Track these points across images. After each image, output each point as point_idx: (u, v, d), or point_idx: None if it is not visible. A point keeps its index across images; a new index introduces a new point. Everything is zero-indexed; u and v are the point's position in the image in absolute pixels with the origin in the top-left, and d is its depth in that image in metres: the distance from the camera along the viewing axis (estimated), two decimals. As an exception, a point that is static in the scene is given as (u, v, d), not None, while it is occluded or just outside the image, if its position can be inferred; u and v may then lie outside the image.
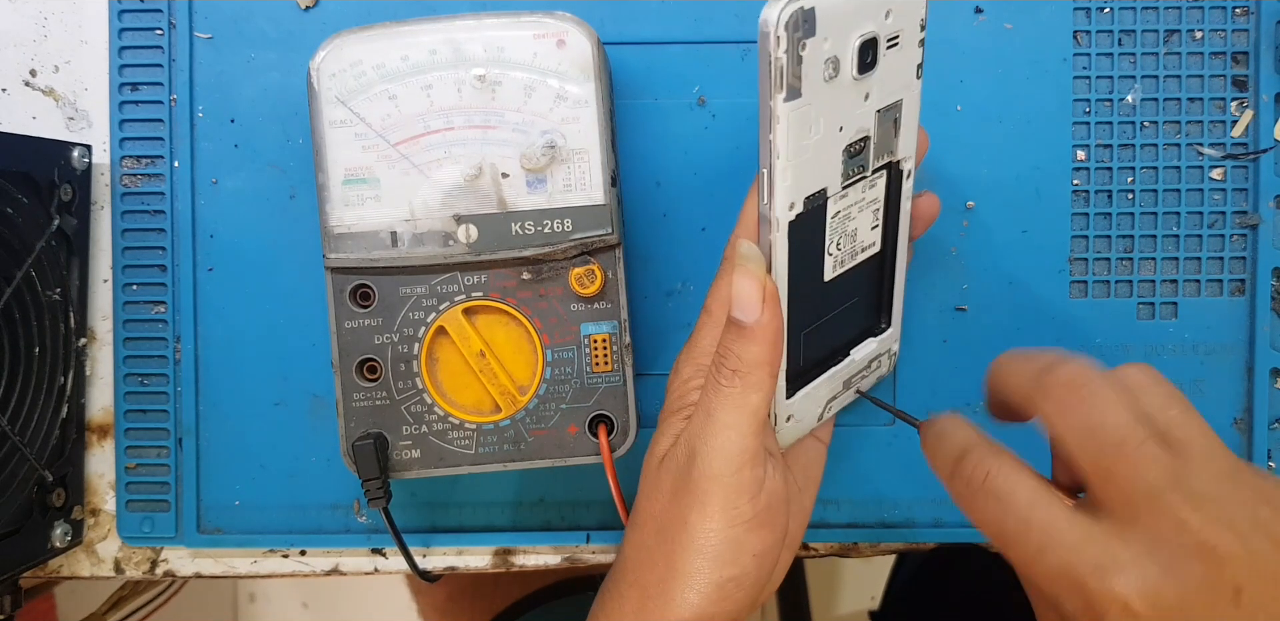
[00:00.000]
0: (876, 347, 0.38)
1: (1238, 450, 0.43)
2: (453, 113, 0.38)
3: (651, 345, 0.43)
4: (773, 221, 0.31)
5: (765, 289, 0.31)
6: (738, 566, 0.33)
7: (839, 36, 0.29)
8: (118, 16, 0.43)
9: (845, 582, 1.12)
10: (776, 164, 0.30)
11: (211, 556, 0.44)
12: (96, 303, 0.44)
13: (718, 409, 0.32)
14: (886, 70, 0.32)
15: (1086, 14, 0.42)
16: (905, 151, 0.35)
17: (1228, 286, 0.43)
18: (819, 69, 0.29)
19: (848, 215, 0.34)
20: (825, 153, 0.32)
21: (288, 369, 0.43)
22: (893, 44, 0.31)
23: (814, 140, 0.31)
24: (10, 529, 0.40)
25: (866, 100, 0.32)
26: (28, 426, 0.40)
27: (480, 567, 0.44)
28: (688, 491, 0.33)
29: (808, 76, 0.29)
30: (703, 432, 0.33)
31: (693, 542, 0.33)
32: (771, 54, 0.28)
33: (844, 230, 0.34)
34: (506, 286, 0.39)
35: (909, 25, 0.32)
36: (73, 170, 0.42)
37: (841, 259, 0.35)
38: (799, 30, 0.28)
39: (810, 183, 0.32)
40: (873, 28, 0.30)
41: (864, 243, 0.36)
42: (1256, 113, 0.42)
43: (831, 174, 0.32)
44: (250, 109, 0.43)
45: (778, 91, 0.29)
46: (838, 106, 0.31)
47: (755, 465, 0.32)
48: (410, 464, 0.39)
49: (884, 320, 0.38)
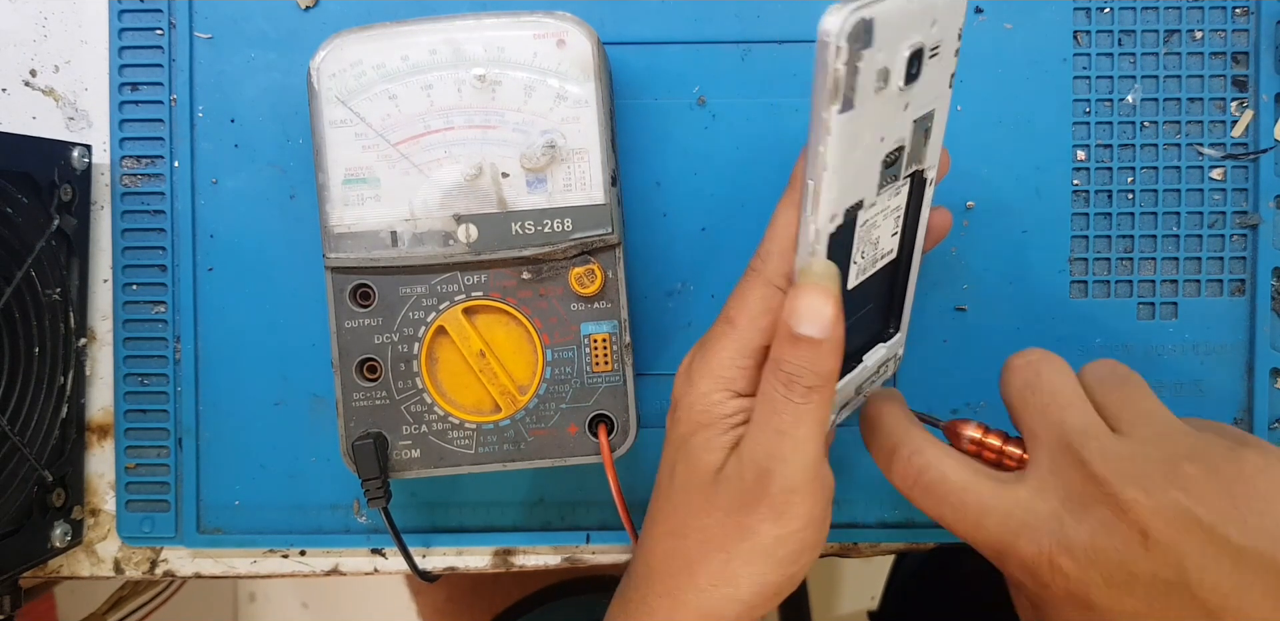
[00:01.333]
0: (885, 352, 0.38)
1: (1238, 450, 0.43)
2: (453, 112, 0.38)
3: (651, 345, 0.43)
4: (817, 233, 0.31)
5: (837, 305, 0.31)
6: (797, 565, 0.33)
7: (891, 47, 0.29)
8: (118, 16, 0.43)
9: (845, 582, 1.12)
10: (824, 176, 0.29)
11: (211, 556, 0.44)
12: (96, 303, 0.44)
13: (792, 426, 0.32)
14: (926, 80, 0.31)
15: (1086, 14, 0.42)
16: (931, 160, 0.34)
17: (1228, 286, 0.43)
18: (871, 80, 0.29)
19: (873, 224, 0.34)
20: (867, 164, 0.31)
21: (288, 369, 0.43)
22: (934, 54, 0.31)
23: (860, 152, 0.30)
24: (10, 529, 0.40)
25: (905, 110, 0.31)
26: (28, 426, 0.40)
27: (480, 568, 0.44)
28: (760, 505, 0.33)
29: (861, 88, 0.28)
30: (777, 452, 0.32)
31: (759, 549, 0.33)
32: (830, 65, 0.27)
33: (869, 238, 0.34)
34: (506, 286, 0.39)
35: (948, 34, 0.31)
36: (73, 170, 0.42)
37: (864, 267, 0.35)
38: (859, 41, 0.27)
39: (852, 194, 0.31)
40: (920, 38, 0.30)
41: (884, 250, 0.35)
42: (1256, 113, 0.42)
43: (869, 185, 0.32)
44: (250, 109, 0.43)
45: (833, 103, 0.28)
46: (882, 117, 0.30)
47: (824, 466, 0.33)
48: (410, 464, 0.39)
49: (893, 325, 0.38)
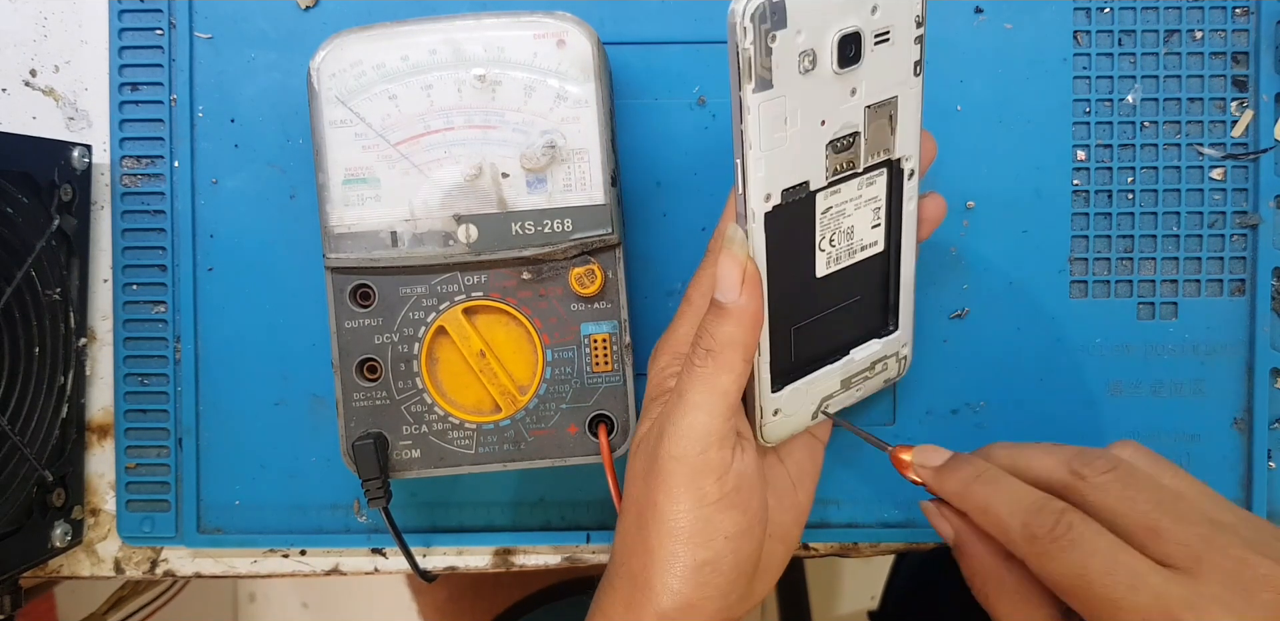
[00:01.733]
0: (881, 349, 0.38)
1: (1238, 450, 0.43)
2: (453, 112, 0.38)
3: (651, 345, 0.43)
4: (749, 212, 0.31)
5: (745, 271, 0.32)
6: (710, 549, 0.33)
7: (815, 30, 0.30)
8: (118, 16, 0.43)
9: (845, 582, 1.12)
10: (749, 154, 0.30)
11: (211, 556, 0.44)
12: (96, 303, 0.44)
13: (688, 389, 0.33)
14: (876, 66, 0.32)
15: (1086, 14, 0.42)
16: (905, 150, 0.35)
17: (1228, 286, 0.43)
18: (793, 61, 0.30)
19: (841, 211, 0.34)
20: (805, 146, 0.32)
21: (288, 369, 0.43)
22: (882, 39, 0.31)
23: (791, 132, 0.31)
24: (10, 529, 0.40)
25: (854, 95, 0.32)
26: (28, 426, 0.40)
27: (480, 567, 0.44)
28: (655, 473, 0.33)
29: (780, 68, 0.29)
30: (673, 414, 0.33)
31: (664, 525, 0.33)
32: (739, 44, 0.29)
33: (838, 227, 0.34)
34: (506, 286, 0.39)
35: (901, 21, 0.32)
36: (73, 170, 0.42)
37: (836, 256, 0.35)
38: (766, 22, 0.28)
39: (788, 175, 0.32)
40: (855, 22, 0.30)
41: (863, 241, 0.36)
42: (1256, 113, 0.42)
43: (814, 168, 0.32)
44: (250, 109, 0.43)
45: (746, 82, 0.29)
46: (818, 100, 0.31)
47: (722, 447, 0.33)
48: (410, 464, 0.39)
49: (891, 322, 0.38)
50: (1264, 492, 0.43)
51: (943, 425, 0.43)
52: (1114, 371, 0.43)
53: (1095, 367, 0.43)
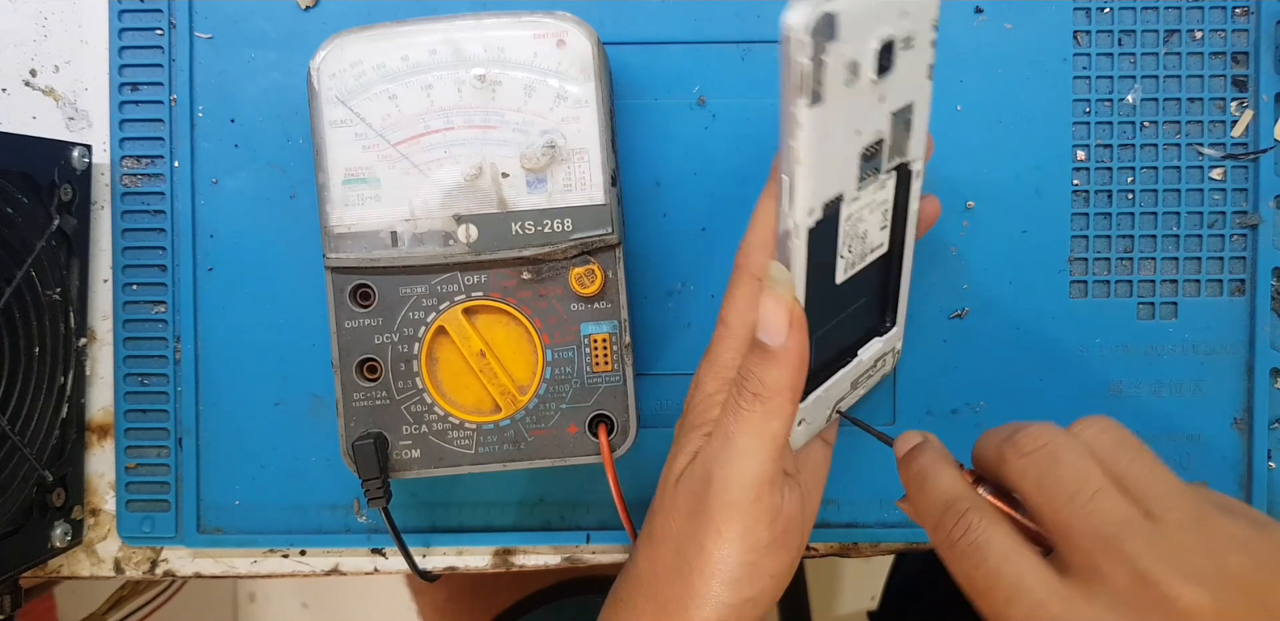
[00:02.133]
0: (882, 347, 0.38)
1: (1237, 450, 0.43)
2: (453, 112, 0.38)
3: (651, 345, 0.43)
4: (794, 228, 0.31)
5: (792, 314, 0.31)
6: (755, 589, 0.33)
7: (858, 40, 0.29)
8: (118, 16, 0.43)
9: (845, 582, 1.12)
10: (798, 170, 0.30)
11: (211, 556, 0.44)
12: (96, 302, 0.44)
13: (737, 433, 0.32)
14: (901, 72, 0.31)
15: (1086, 14, 0.42)
16: (915, 153, 0.34)
17: (1228, 286, 0.43)
18: (840, 73, 0.29)
19: (859, 218, 0.34)
20: (843, 157, 0.31)
21: (288, 369, 0.43)
22: (907, 45, 0.31)
23: (834, 145, 0.30)
24: (10, 529, 0.40)
25: (882, 103, 0.31)
26: (28, 426, 0.40)
27: (480, 567, 0.44)
28: (704, 516, 0.32)
29: (829, 81, 0.29)
30: (721, 457, 0.32)
31: (709, 568, 0.32)
32: (794, 59, 0.28)
33: (855, 233, 0.34)
34: (506, 286, 0.39)
35: (921, 25, 0.31)
36: (73, 170, 0.42)
37: (852, 261, 0.35)
38: (822, 34, 0.28)
39: (829, 188, 0.31)
40: (890, 30, 0.30)
41: (873, 244, 0.35)
42: (1256, 113, 0.42)
43: (848, 178, 0.32)
44: (250, 109, 0.43)
45: (801, 97, 0.28)
46: (856, 110, 0.31)
47: (774, 491, 0.32)
48: (410, 464, 0.39)
49: (889, 319, 0.38)
50: (1264, 492, 0.43)
51: (943, 425, 0.43)
52: (1114, 371, 0.43)
53: (1095, 367, 0.43)
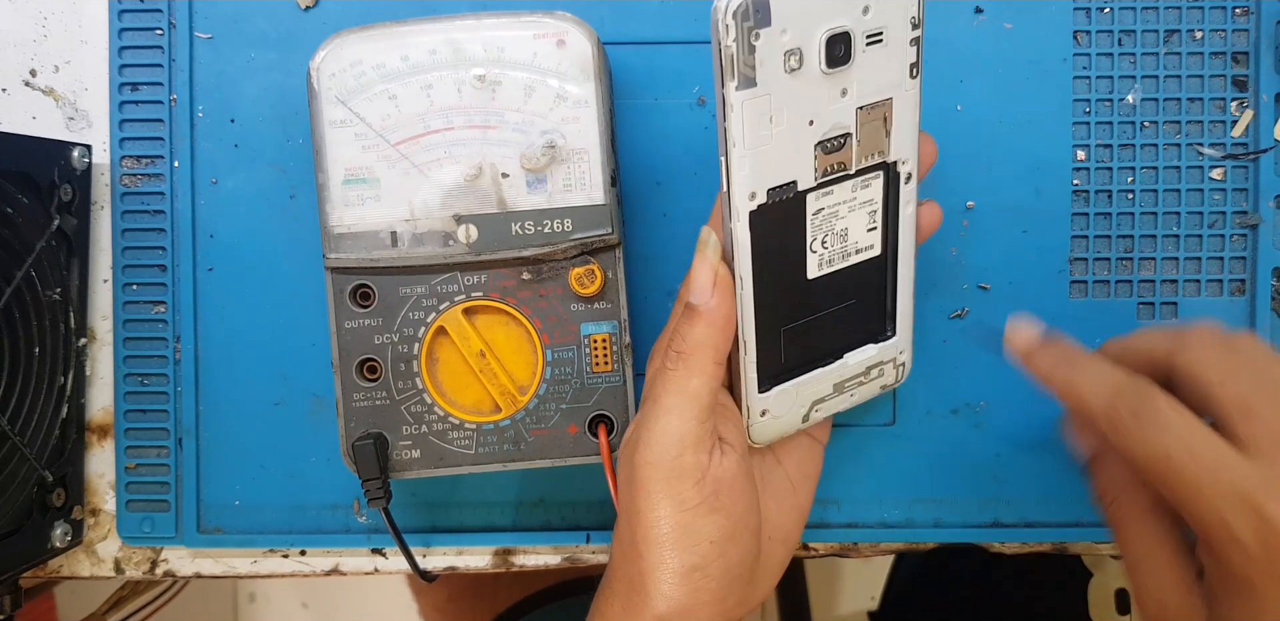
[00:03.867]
0: (878, 354, 0.38)
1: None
2: (453, 113, 0.38)
3: (651, 345, 0.43)
4: (732, 210, 0.32)
5: (718, 275, 0.32)
6: (696, 554, 0.32)
7: (802, 29, 0.30)
8: (118, 16, 0.43)
9: (845, 582, 1.12)
10: (733, 152, 0.31)
11: (211, 556, 0.44)
12: (96, 302, 0.44)
13: (661, 393, 0.33)
14: (867, 67, 0.32)
15: (1086, 14, 0.42)
16: (901, 153, 0.34)
17: (1228, 286, 0.43)
18: (778, 60, 0.30)
19: (834, 213, 0.34)
20: (792, 145, 0.32)
21: (288, 369, 0.43)
22: (874, 40, 0.31)
23: (776, 131, 0.31)
24: (10, 529, 0.40)
25: (845, 96, 0.32)
26: (28, 426, 0.40)
27: (480, 567, 0.44)
28: (635, 479, 0.33)
29: (764, 66, 0.30)
30: (646, 418, 0.33)
31: (648, 531, 0.33)
32: (721, 42, 0.29)
33: (830, 228, 0.34)
34: (506, 286, 0.39)
35: (895, 22, 0.32)
36: (73, 170, 0.42)
37: (829, 258, 0.35)
38: (749, 20, 0.29)
39: (774, 175, 0.32)
40: (845, 22, 0.31)
41: (858, 244, 0.35)
42: (1256, 113, 0.42)
43: (802, 168, 0.32)
44: (250, 109, 0.43)
45: (730, 79, 0.29)
46: (806, 99, 0.31)
47: (698, 451, 0.32)
48: (410, 464, 0.39)
49: (888, 327, 0.38)
50: (1264, 492, 0.43)
51: (943, 425, 0.43)
52: (1114, 371, 0.43)
53: (1095, 367, 0.43)
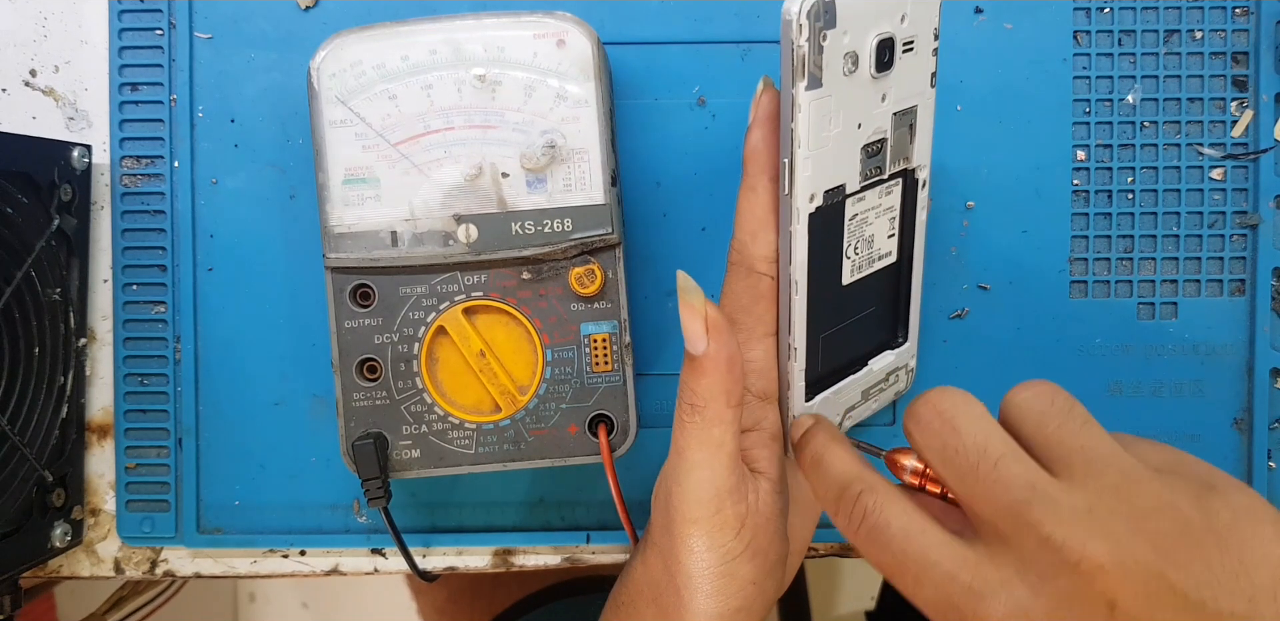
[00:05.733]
0: (894, 361, 0.38)
1: (1237, 450, 0.43)
2: (453, 112, 0.38)
3: (651, 345, 0.43)
4: (794, 212, 0.32)
5: (708, 319, 0.31)
6: (740, 598, 0.33)
7: (858, 32, 0.30)
8: (118, 16, 0.43)
9: (845, 582, 1.12)
10: (798, 153, 0.31)
11: (211, 556, 0.44)
12: (96, 302, 0.44)
13: (686, 447, 0.32)
14: (902, 73, 0.32)
15: (1086, 14, 0.42)
16: (920, 160, 0.35)
17: (1228, 286, 0.43)
18: (839, 62, 0.30)
19: (864, 219, 0.34)
20: (844, 148, 0.32)
21: (288, 369, 0.43)
22: (909, 48, 0.32)
23: (834, 133, 0.31)
24: (10, 529, 0.40)
25: (884, 101, 0.32)
26: (28, 426, 0.40)
27: (480, 567, 0.44)
28: (673, 532, 0.33)
29: (829, 67, 0.30)
30: (675, 472, 0.32)
31: (690, 581, 0.32)
32: (794, 42, 0.29)
33: (861, 234, 0.35)
34: (506, 286, 0.39)
35: (924, 32, 0.32)
36: (73, 170, 0.42)
37: (859, 264, 0.35)
38: (820, 20, 0.29)
39: (829, 176, 0.32)
40: (889, 28, 0.31)
41: (880, 251, 0.36)
42: (1256, 113, 0.42)
43: (850, 171, 0.33)
44: (250, 109, 0.43)
45: (800, 79, 0.30)
46: (856, 103, 0.32)
47: (735, 500, 0.32)
48: (410, 464, 0.39)
49: (901, 333, 0.38)
50: (1264, 492, 0.43)
51: (943, 425, 0.43)
52: (1114, 371, 0.43)
53: (1095, 368, 0.43)
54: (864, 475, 0.30)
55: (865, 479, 0.30)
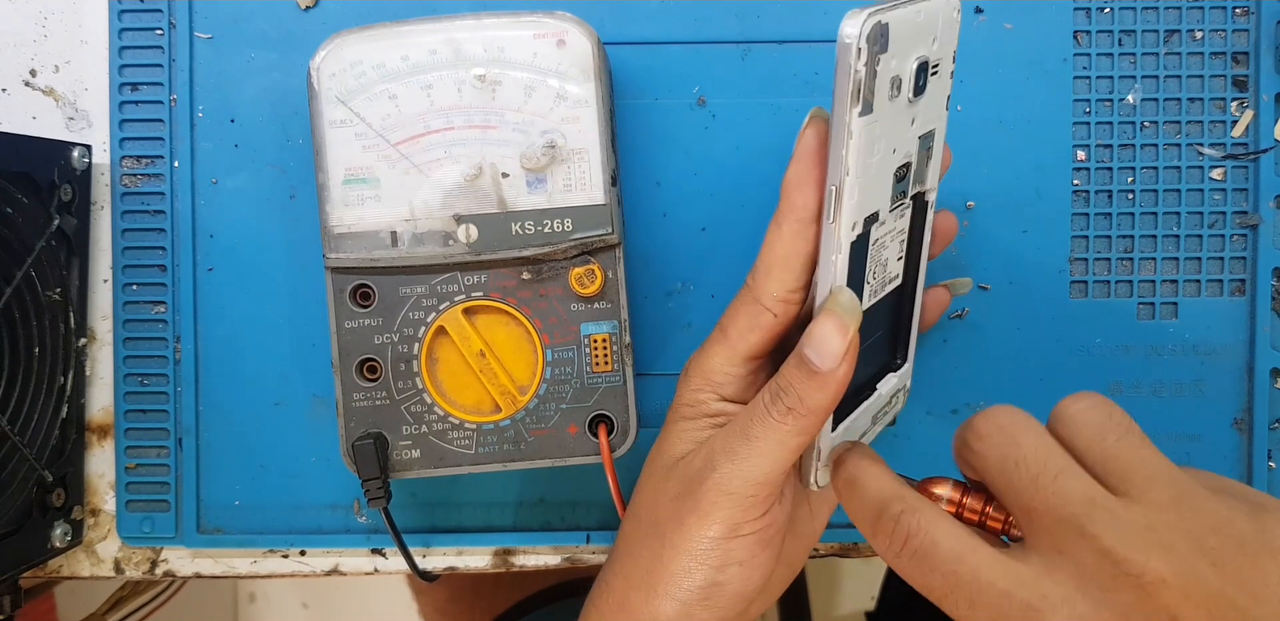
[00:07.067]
0: (896, 383, 0.37)
1: (1237, 450, 0.43)
2: (453, 112, 0.38)
3: (651, 345, 0.43)
4: (838, 243, 0.30)
5: (851, 343, 0.30)
6: (723, 573, 0.33)
7: (903, 55, 0.29)
8: (118, 16, 0.43)
9: (845, 582, 1.12)
10: (846, 181, 0.29)
11: (211, 556, 0.44)
12: (96, 302, 0.44)
13: (760, 437, 0.32)
14: (929, 97, 0.32)
15: (1086, 14, 0.42)
16: (932, 182, 0.34)
17: (1228, 286, 0.43)
18: (886, 86, 0.29)
19: (883, 244, 0.33)
20: (881, 174, 0.31)
21: (288, 369, 0.43)
22: (935, 71, 0.31)
23: (875, 159, 0.30)
24: (10, 529, 0.40)
25: (913, 125, 0.32)
26: (28, 426, 0.40)
27: (480, 568, 0.44)
28: (694, 497, 0.33)
29: (879, 93, 0.29)
30: (733, 452, 0.32)
31: (687, 543, 0.33)
32: (852, 66, 0.28)
33: (879, 259, 0.34)
34: (506, 286, 0.39)
35: (946, 54, 0.32)
36: (73, 170, 0.42)
37: (875, 289, 0.34)
38: (877, 44, 0.28)
39: (870, 204, 0.31)
40: (925, 51, 0.30)
41: (891, 274, 0.35)
42: (1256, 113, 0.42)
43: (883, 197, 0.32)
44: (250, 109, 0.43)
45: (854, 105, 0.28)
46: (895, 128, 0.31)
47: (771, 493, 0.33)
48: (410, 464, 0.39)
49: (900, 355, 0.38)
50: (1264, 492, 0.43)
51: (943, 425, 0.43)
52: (1114, 371, 0.43)
53: (1095, 368, 0.43)
54: (904, 494, 0.30)
55: (905, 499, 0.30)
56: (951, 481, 0.31)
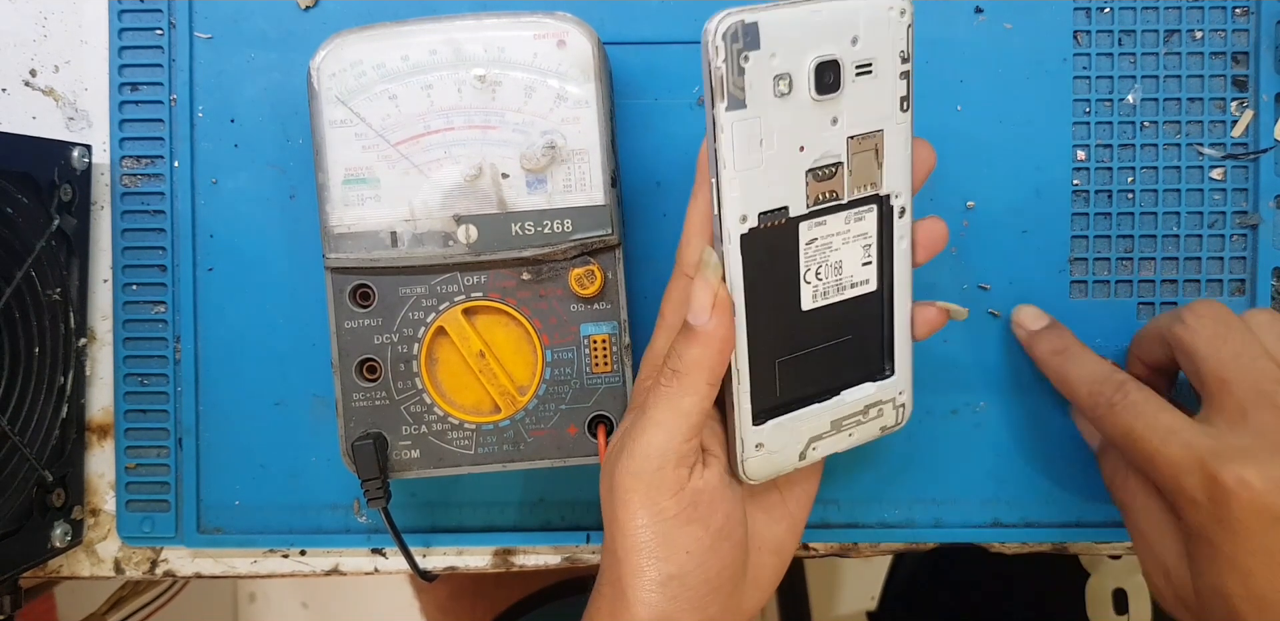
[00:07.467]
0: (876, 393, 0.37)
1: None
2: (453, 113, 0.38)
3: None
4: (724, 233, 0.32)
5: (717, 296, 0.32)
6: (673, 564, 0.33)
7: (791, 54, 0.30)
8: (118, 16, 0.43)
9: (845, 582, 1.12)
10: (723, 173, 0.31)
11: (211, 556, 0.44)
12: (96, 302, 0.44)
13: (651, 407, 0.33)
14: (858, 97, 0.32)
15: (1086, 14, 0.42)
16: (894, 186, 0.34)
17: (1228, 286, 0.43)
18: (767, 83, 0.30)
19: (827, 245, 0.34)
20: (784, 170, 0.32)
21: (288, 369, 0.43)
22: (864, 71, 0.32)
23: (767, 155, 0.31)
24: (10, 529, 0.40)
25: (835, 124, 0.32)
26: (28, 426, 0.40)
27: (480, 567, 0.44)
28: (615, 488, 0.33)
29: (754, 89, 0.30)
30: (633, 430, 0.33)
31: (627, 539, 0.33)
32: (711, 62, 0.30)
33: (824, 260, 0.34)
34: (506, 286, 0.39)
35: (885, 55, 0.32)
36: (73, 170, 0.42)
37: (823, 290, 0.35)
38: (739, 42, 0.30)
39: (766, 199, 0.32)
40: (833, 50, 0.31)
41: (853, 278, 0.35)
42: (1256, 113, 0.42)
43: (794, 194, 0.32)
44: (250, 109, 0.43)
45: (719, 100, 0.30)
46: (796, 125, 0.31)
47: (679, 465, 0.33)
48: (410, 464, 0.39)
49: (886, 365, 0.37)
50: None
51: (943, 425, 0.43)
52: (1114, 371, 0.43)
53: (1095, 368, 0.43)
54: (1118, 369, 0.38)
55: (1121, 372, 0.38)
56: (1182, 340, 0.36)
